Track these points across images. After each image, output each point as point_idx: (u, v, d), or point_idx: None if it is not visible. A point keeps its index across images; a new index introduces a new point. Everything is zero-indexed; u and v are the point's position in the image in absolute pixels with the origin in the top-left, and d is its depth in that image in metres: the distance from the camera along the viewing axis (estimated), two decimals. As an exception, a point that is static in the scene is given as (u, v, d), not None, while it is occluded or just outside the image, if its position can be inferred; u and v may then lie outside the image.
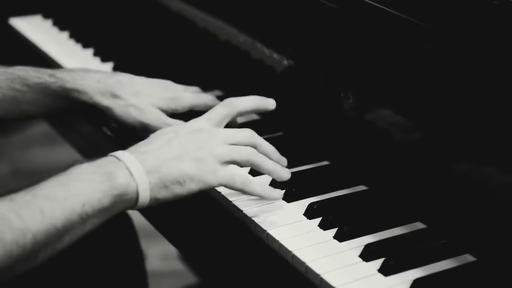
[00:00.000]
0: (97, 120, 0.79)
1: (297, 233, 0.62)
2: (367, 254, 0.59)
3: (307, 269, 0.58)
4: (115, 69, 0.92)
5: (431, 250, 0.59)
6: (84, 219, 0.56)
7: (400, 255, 0.58)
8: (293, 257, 0.59)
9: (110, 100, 0.73)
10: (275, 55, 0.79)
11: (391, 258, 0.58)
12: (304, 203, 0.65)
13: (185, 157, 0.60)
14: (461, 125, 0.61)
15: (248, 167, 0.64)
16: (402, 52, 0.65)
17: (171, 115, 0.75)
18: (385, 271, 0.57)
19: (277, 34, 0.79)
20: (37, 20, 1.07)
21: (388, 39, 0.66)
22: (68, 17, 1.06)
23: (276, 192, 0.63)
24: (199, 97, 0.77)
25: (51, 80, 0.74)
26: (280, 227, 0.62)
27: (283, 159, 0.66)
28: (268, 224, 0.62)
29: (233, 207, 0.65)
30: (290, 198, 0.66)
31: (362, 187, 0.68)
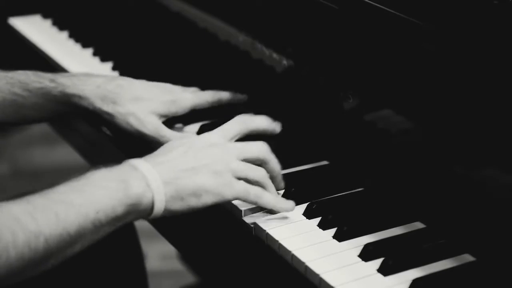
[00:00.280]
0: (96, 121, 0.79)
1: (297, 233, 0.62)
2: (366, 254, 0.59)
3: (307, 269, 0.58)
4: (114, 69, 0.92)
5: (430, 250, 0.59)
6: (97, 227, 0.56)
7: (399, 255, 0.58)
8: (293, 257, 0.59)
9: (110, 106, 0.73)
10: (275, 55, 0.79)
11: (390, 258, 0.58)
12: (304, 202, 0.65)
13: (201, 170, 0.60)
14: (460, 124, 0.61)
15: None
16: (401, 52, 0.65)
17: (172, 117, 0.76)
18: (384, 271, 0.57)
19: (277, 34, 0.79)
20: (36, 19, 1.06)
21: (387, 39, 0.66)
22: (68, 16, 1.06)
23: (288, 203, 0.63)
24: (199, 95, 0.77)
25: (51, 85, 0.74)
26: (280, 227, 0.62)
27: (282, 181, 0.67)
28: (268, 224, 0.63)
29: (232, 206, 0.65)
30: (289, 198, 0.66)
31: (361, 187, 0.68)
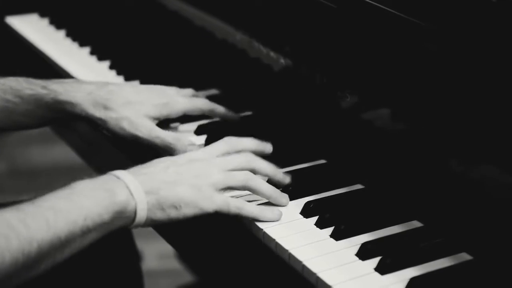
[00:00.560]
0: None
1: (294, 232, 0.62)
2: (364, 252, 0.59)
3: (304, 268, 0.58)
4: (111, 67, 0.92)
5: (427, 248, 0.59)
6: (85, 232, 0.57)
7: (396, 253, 0.58)
8: (290, 255, 0.59)
9: (103, 112, 0.73)
10: (272, 53, 0.79)
11: (388, 256, 0.58)
12: (301, 201, 0.65)
13: (182, 183, 0.61)
14: (457, 123, 0.61)
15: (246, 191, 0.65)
16: (399, 51, 0.65)
17: (165, 120, 0.75)
18: (381, 269, 0.57)
19: (274, 33, 0.79)
20: (33, 19, 1.06)
21: (385, 38, 0.66)
22: (65, 16, 1.05)
23: (273, 212, 0.63)
24: (192, 101, 0.76)
25: (43, 92, 0.74)
26: (277, 225, 0.62)
27: (286, 177, 0.66)
28: (265, 223, 0.62)
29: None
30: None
31: (358, 186, 0.68)
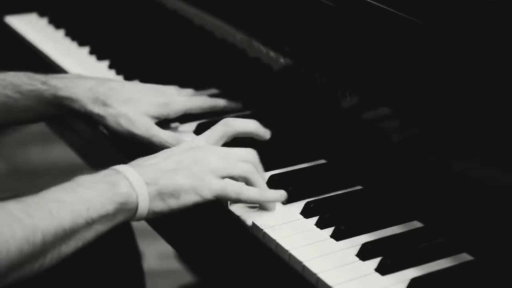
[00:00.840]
0: (90, 122, 0.79)
1: (294, 232, 0.61)
2: (364, 253, 0.59)
3: (304, 268, 0.58)
4: (111, 67, 0.92)
5: (428, 249, 0.59)
6: (89, 223, 0.57)
7: (397, 254, 0.58)
8: (290, 256, 0.59)
9: (102, 108, 0.73)
10: (271, 53, 0.78)
11: (388, 257, 0.58)
12: (301, 202, 0.65)
13: (181, 171, 0.61)
14: (458, 123, 0.61)
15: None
16: (399, 50, 0.65)
17: (164, 120, 0.75)
18: (382, 270, 0.57)
19: (274, 32, 0.79)
20: (32, 18, 1.06)
21: (385, 37, 0.66)
22: (64, 15, 1.05)
23: (275, 193, 0.63)
24: (192, 100, 0.76)
25: (43, 87, 0.74)
26: (277, 226, 0.62)
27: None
28: (265, 223, 0.62)
29: (230, 207, 0.65)
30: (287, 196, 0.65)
31: (359, 186, 0.68)
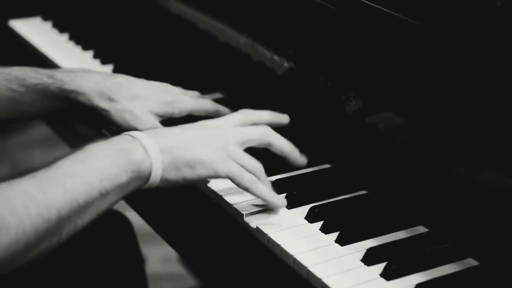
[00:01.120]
0: (96, 123, 0.79)
1: (298, 237, 0.61)
2: (369, 258, 0.59)
3: (309, 273, 0.58)
4: (115, 71, 0.92)
5: (433, 254, 0.59)
6: (103, 194, 0.56)
7: (402, 259, 0.58)
8: (294, 261, 0.59)
9: (108, 103, 0.73)
10: (275, 57, 0.78)
11: (393, 262, 0.57)
12: (305, 206, 0.65)
13: (198, 143, 0.61)
14: (463, 128, 0.60)
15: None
16: (403, 55, 0.65)
17: (169, 119, 0.75)
18: (387, 275, 0.57)
19: (277, 36, 0.79)
20: (36, 22, 1.06)
21: (389, 41, 0.66)
22: (68, 19, 1.06)
23: (280, 198, 0.63)
24: (198, 102, 0.77)
25: (49, 81, 0.74)
26: (281, 230, 0.62)
27: (302, 157, 0.68)
28: (269, 228, 0.62)
29: (234, 210, 0.65)
30: (291, 201, 0.65)
31: (363, 191, 0.68)
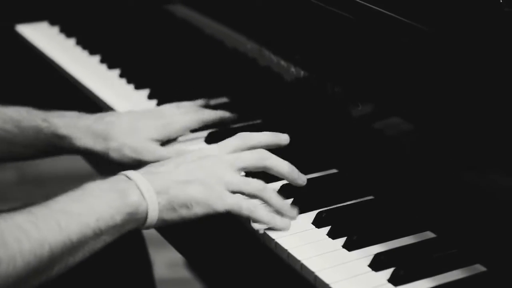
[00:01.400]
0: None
1: (306, 242, 0.61)
2: (377, 263, 0.58)
3: (316, 279, 0.58)
4: (121, 76, 0.92)
5: (441, 260, 0.59)
6: (97, 234, 0.57)
7: (410, 264, 0.58)
8: (302, 266, 0.59)
9: (103, 143, 0.72)
10: (282, 62, 0.79)
11: (401, 268, 0.57)
12: (313, 211, 0.65)
13: (193, 182, 0.60)
14: (471, 134, 0.60)
15: (256, 199, 0.63)
16: (410, 60, 0.65)
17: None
18: (395, 281, 0.57)
19: (284, 42, 0.79)
20: (43, 27, 1.07)
21: (396, 46, 0.66)
22: (75, 24, 1.06)
23: (283, 221, 0.62)
24: (192, 117, 0.76)
25: (44, 124, 0.73)
26: (289, 235, 0.62)
27: (301, 176, 0.66)
28: (276, 233, 0.62)
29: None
30: (298, 206, 0.65)
31: (371, 196, 0.68)
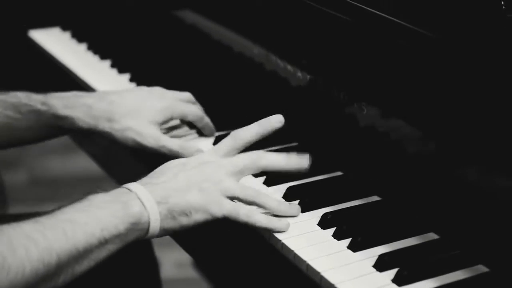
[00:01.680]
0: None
1: (311, 243, 0.62)
2: (381, 264, 0.59)
3: (322, 279, 0.59)
4: (131, 80, 0.93)
5: (444, 260, 0.60)
6: (102, 243, 0.58)
7: (413, 265, 0.59)
8: (308, 266, 0.60)
9: (107, 124, 0.72)
10: (289, 67, 0.80)
11: (405, 268, 0.58)
12: (318, 213, 0.66)
13: (191, 188, 0.61)
14: (474, 136, 0.61)
15: (251, 205, 0.64)
16: (414, 65, 0.66)
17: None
18: (399, 281, 0.58)
19: (291, 47, 0.79)
20: (55, 32, 1.08)
21: (401, 52, 0.66)
22: (86, 29, 1.07)
23: (281, 222, 0.63)
24: (191, 107, 0.76)
25: (43, 108, 0.73)
26: (294, 236, 0.63)
27: (303, 160, 0.65)
28: (283, 234, 0.63)
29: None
30: (303, 208, 0.66)
31: (375, 198, 0.69)
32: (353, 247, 0.62)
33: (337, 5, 0.71)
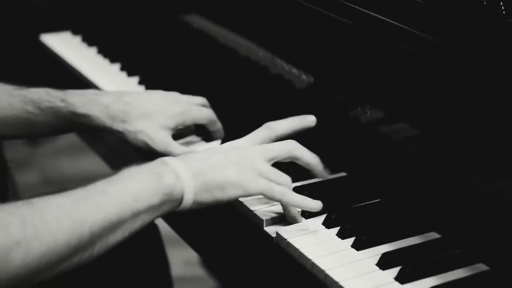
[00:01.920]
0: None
1: (316, 242, 0.63)
2: (384, 262, 0.60)
3: (326, 277, 0.60)
4: (140, 83, 0.95)
5: (445, 259, 0.61)
6: (135, 214, 0.58)
7: (416, 263, 0.60)
8: (313, 265, 0.61)
9: (120, 125, 0.74)
10: (294, 70, 0.81)
11: (407, 266, 0.59)
12: (323, 213, 0.67)
13: (227, 166, 0.62)
14: (475, 137, 0.62)
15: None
16: (416, 68, 0.67)
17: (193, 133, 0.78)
18: (401, 279, 0.59)
19: (296, 50, 0.80)
20: (66, 36, 1.10)
21: (405, 56, 0.67)
22: (96, 33, 1.09)
23: (314, 202, 0.64)
24: (204, 111, 0.77)
25: (62, 105, 0.75)
26: (300, 236, 0.64)
27: (325, 172, 0.68)
28: (288, 233, 0.64)
29: (254, 216, 0.67)
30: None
31: (378, 198, 0.69)
32: (357, 246, 0.63)
33: (342, 10, 0.72)
